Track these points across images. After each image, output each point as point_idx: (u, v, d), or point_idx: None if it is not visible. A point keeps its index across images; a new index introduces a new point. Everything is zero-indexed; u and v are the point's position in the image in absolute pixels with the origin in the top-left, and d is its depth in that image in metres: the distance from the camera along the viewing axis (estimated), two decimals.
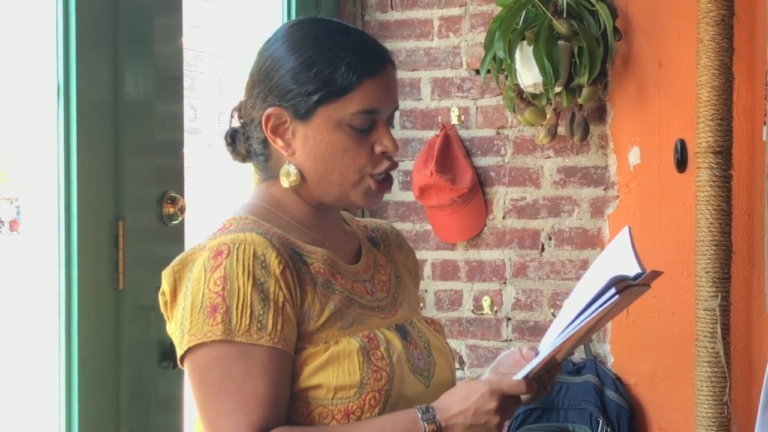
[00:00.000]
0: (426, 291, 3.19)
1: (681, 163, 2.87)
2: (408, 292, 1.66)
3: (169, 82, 2.32)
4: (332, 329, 1.46)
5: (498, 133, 3.13)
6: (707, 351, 2.71)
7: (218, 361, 1.39)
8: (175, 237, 2.30)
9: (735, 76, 2.75)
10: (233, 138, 1.60)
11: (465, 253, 3.16)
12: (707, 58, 2.72)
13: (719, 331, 2.70)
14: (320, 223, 1.57)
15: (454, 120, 3.16)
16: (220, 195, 2.95)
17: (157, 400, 2.24)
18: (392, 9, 3.23)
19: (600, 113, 3.01)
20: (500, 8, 2.92)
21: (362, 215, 3.02)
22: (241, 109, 1.59)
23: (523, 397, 1.48)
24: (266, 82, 1.52)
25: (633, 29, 2.96)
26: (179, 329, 1.42)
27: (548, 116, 2.93)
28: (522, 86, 2.87)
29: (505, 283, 3.12)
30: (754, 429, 2.49)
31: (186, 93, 2.40)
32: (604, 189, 3.02)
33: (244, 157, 1.60)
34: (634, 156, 2.98)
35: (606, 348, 3.02)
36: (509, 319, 3.12)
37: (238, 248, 1.41)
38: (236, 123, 1.61)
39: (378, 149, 1.52)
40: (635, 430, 2.94)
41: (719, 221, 2.73)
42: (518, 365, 1.52)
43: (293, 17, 2.98)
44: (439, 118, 3.17)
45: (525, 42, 2.82)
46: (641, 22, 2.95)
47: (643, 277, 1.42)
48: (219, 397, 1.39)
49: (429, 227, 3.20)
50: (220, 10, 3.01)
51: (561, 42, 2.82)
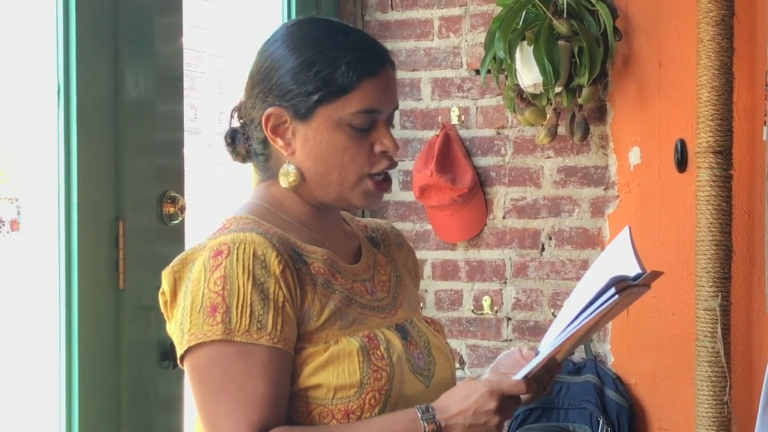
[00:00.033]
0: (426, 291, 3.19)
1: (681, 163, 2.87)
2: (408, 292, 1.66)
3: (170, 82, 2.32)
4: (332, 329, 1.46)
5: (498, 133, 3.13)
6: (707, 351, 2.71)
7: (218, 361, 1.39)
8: (176, 237, 2.30)
9: (735, 76, 2.75)
10: (233, 138, 1.60)
11: (465, 253, 3.16)
12: (707, 58, 2.72)
13: (719, 331, 2.70)
14: (320, 223, 1.57)
15: (455, 120, 3.16)
16: (220, 195, 2.95)
17: (158, 400, 2.24)
18: (392, 9, 3.23)
19: (600, 113, 3.01)
20: (500, 8, 2.92)
21: (362, 215, 3.02)
22: (241, 110, 1.59)
23: (523, 397, 1.48)
24: (266, 82, 1.52)
25: (633, 29, 2.96)
26: (179, 329, 1.42)
27: (548, 116, 2.93)
28: (522, 86, 2.87)
29: (506, 283, 3.12)
30: (755, 429, 2.49)
31: (186, 93, 2.40)
32: (605, 189, 3.02)
33: (244, 158, 1.60)
34: (635, 156, 2.98)
35: (606, 348, 3.02)
36: (509, 319, 3.12)
37: (238, 248, 1.41)
38: (236, 123, 1.61)
39: (378, 149, 1.52)
40: (635, 430, 2.94)
41: (719, 221, 2.73)
42: (518, 365, 1.52)
43: (293, 17, 2.98)
44: (440, 118, 3.17)
45: (525, 42, 2.82)
46: (641, 22, 2.95)
47: (644, 278, 1.42)
48: (219, 397, 1.39)
49: (429, 227, 3.20)
50: (221, 10, 3.01)
51: (561, 42, 2.82)
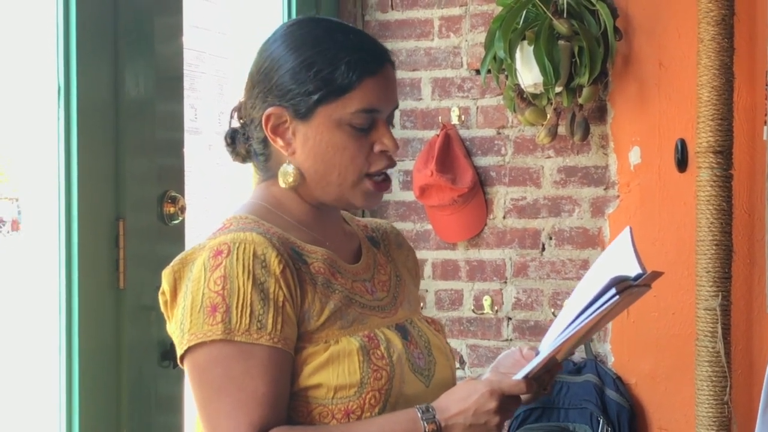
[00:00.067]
0: (426, 290, 3.19)
1: (681, 163, 2.87)
2: (408, 292, 1.66)
3: (170, 82, 2.32)
4: (332, 329, 1.46)
5: (498, 133, 3.12)
6: (708, 350, 2.71)
7: (218, 361, 1.39)
8: (176, 237, 2.30)
9: (735, 76, 2.75)
10: (233, 138, 1.60)
11: (465, 253, 3.16)
12: (708, 58, 2.72)
13: (720, 331, 2.70)
14: (320, 223, 1.57)
15: (455, 120, 3.16)
16: (221, 195, 2.95)
17: (158, 400, 2.24)
18: (392, 9, 3.23)
19: (600, 113, 3.01)
20: (500, 8, 2.92)
21: (362, 215, 3.02)
22: (241, 110, 1.59)
23: (524, 397, 1.48)
24: (266, 82, 1.52)
25: (633, 29, 2.96)
26: (179, 329, 1.42)
27: (549, 116, 2.93)
28: (522, 86, 2.86)
29: (506, 283, 3.12)
30: (755, 429, 2.49)
31: (186, 93, 2.40)
32: (605, 189, 3.02)
33: (244, 158, 1.60)
34: (635, 156, 2.98)
35: (606, 347, 3.02)
36: (510, 319, 3.11)
37: (238, 248, 1.41)
38: (236, 123, 1.60)
39: (378, 148, 1.52)
40: (636, 430, 2.94)
41: (720, 221, 2.73)
42: (518, 365, 1.52)
43: (293, 17, 2.98)
44: (440, 118, 3.17)
45: (525, 42, 2.82)
46: (642, 22, 2.95)
47: (644, 278, 1.41)
48: (219, 397, 1.39)
49: (429, 227, 3.20)
50: (221, 10, 3.01)
51: (561, 42, 2.82)
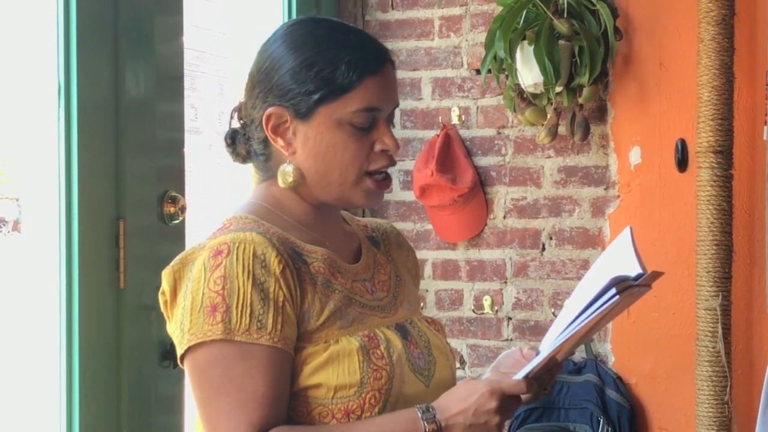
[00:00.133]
0: (427, 290, 3.19)
1: (682, 163, 2.87)
2: (408, 292, 1.66)
3: (170, 82, 2.32)
4: (332, 328, 1.46)
5: (499, 133, 3.12)
6: (708, 350, 2.71)
7: (218, 361, 1.39)
8: (176, 236, 2.30)
9: (736, 76, 2.75)
10: (233, 139, 1.60)
11: (466, 253, 3.16)
12: (708, 58, 2.72)
13: (720, 331, 2.70)
14: (320, 223, 1.57)
15: (455, 120, 3.16)
16: (221, 195, 2.95)
17: (158, 400, 2.24)
18: (393, 9, 3.23)
19: (601, 113, 3.01)
20: (501, 8, 2.92)
21: (362, 215, 3.02)
22: (241, 110, 1.58)
23: (524, 397, 1.48)
24: (266, 82, 1.52)
25: (634, 29, 2.96)
26: (179, 328, 1.42)
27: (549, 116, 2.93)
28: (523, 86, 2.86)
29: (506, 283, 3.12)
30: (755, 429, 2.49)
31: (187, 93, 2.40)
32: (605, 189, 3.02)
33: (245, 158, 1.60)
34: (635, 156, 2.98)
35: (607, 347, 3.02)
36: (510, 319, 3.11)
37: (238, 247, 1.41)
38: (236, 124, 1.60)
39: (378, 147, 1.52)
40: (636, 430, 2.94)
41: (720, 221, 2.73)
42: (519, 365, 1.52)
43: (294, 17, 2.98)
44: (440, 118, 3.17)
45: (526, 42, 2.82)
46: (642, 22, 2.95)
47: (644, 278, 1.41)
48: (219, 397, 1.39)
49: (430, 227, 3.20)
50: (221, 10, 3.01)
51: (562, 42, 2.82)
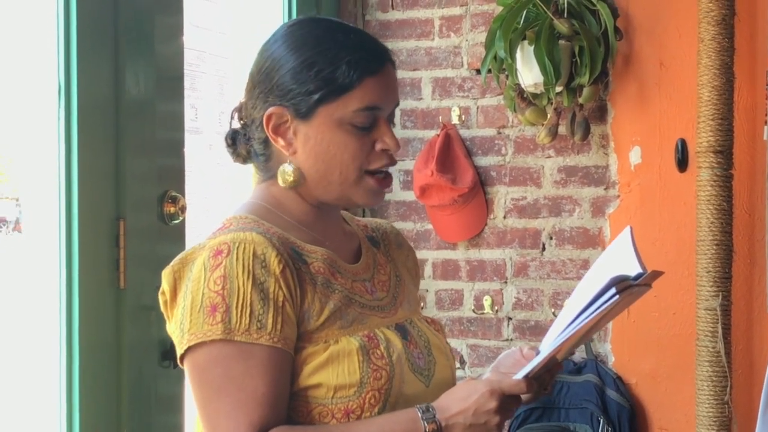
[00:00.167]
0: (427, 290, 3.19)
1: (682, 163, 2.87)
2: (408, 292, 1.66)
3: (170, 82, 2.32)
4: (332, 328, 1.46)
5: (499, 133, 3.12)
6: (708, 350, 2.71)
7: (218, 361, 1.39)
8: (176, 236, 2.30)
9: (736, 76, 2.75)
10: (234, 139, 1.60)
11: (466, 253, 3.16)
12: (708, 58, 2.71)
13: (720, 331, 2.70)
14: (320, 223, 1.57)
15: (455, 119, 3.16)
16: (221, 194, 2.95)
17: (158, 400, 2.24)
18: (393, 8, 3.23)
19: (601, 113, 3.00)
20: (501, 8, 2.92)
21: (363, 215, 3.02)
22: (242, 110, 1.58)
23: (524, 397, 1.48)
24: (267, 83, 1.52)
25: (634, 29, 2.96)
26: (179, 328, 1.42)
27: (549, 116, 2.93)
28: (523, 86, 2.86)
29: (506, 283, 3.12)
30: (755, 429, 2.49)
31: (187, 92, 2.40)
32: (605, 188, 3.02)
33: (245, 159, 1.60)
34: (635, 155, 2.98)
35: (607, 347, 3.02)
36: (510, 319, 3.11)
37: (238, 247, 1.41)
38: (236, 124, 1.60)
39: (379, 147, 1.52)
40: (636, 430, 2.94)
41: (720, 221, 2.73)
42: (519, 365, 1.52)
43: (294, 17, 2.98)
44: (440, 118, 3.17)
45: (526, 41, 2.82)
46: (642, 22, 2.95)
47: (644, 277, 1.41)
48: (219, 397, 1.39)
49: (430, 227, 3.20)
50: (221, 10, 3.01)
51: (562, 41, 2.82)
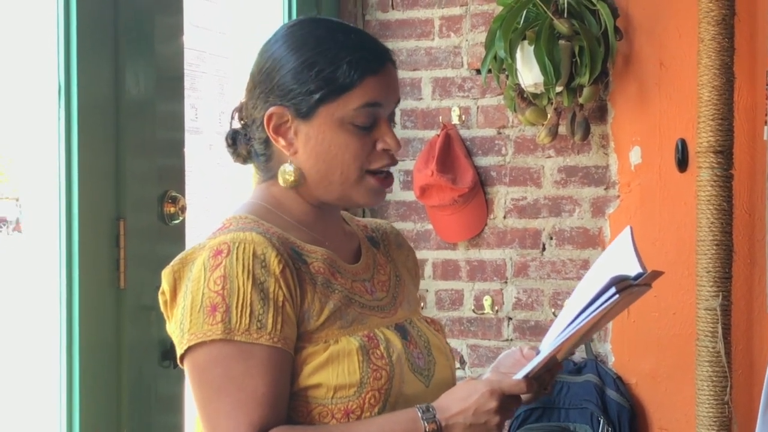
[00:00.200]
0: (427, 290, 3.19)
1: (682, 163, 2.87)
2: (408, 292, 1.66)
3: (170, 82, 2.32)
4: (332, 328, 1.46)
5: (499, 133, 3.12)
6: (708, 350, 2.71)
7: (218, 361, 1.39)
8: (176, 236, 2.30)
9: (736, 76, 2.75)
10: (234, 139, 1.60)
11: (466, 253, 3.16)
12: (708, 58, 2.71)
13: (720, 331, 2.70)
14: (320, 223, 1.57)
15: (455, 120, 3.16)
16: (221, 195, 2.95)
17: (158, 400, 2.24)
18: (393, 8, 3.23)
19: (601, 113, 3.00)
20: (501, 8, 2.92)
21: (363, 215, 3.02)
22: (242, 110, 1.58)
23: (524, 397, 1.48)
24: (267, 83, 1.52)
25: (634, 29, 2.96)
26: (179, 328, 1.42)
27: (549, 116, 2.93)
28: (523, 86, 2.86)
29: (506, 283, 3.12)
30: (755, 429, 2.49)
31: (187, 92, 2.40)
32: (605, 189, 3.02)
33: (245, 159, 1.60)
34: (635, 155, 2.98)
35: (607, 347, 3.02)
36: (510, 319, 3.11)
37: (238, 247, 1.41)
38: (236, 124, 1.60)
39: (380, 146, 1.52)
40: (636, 430, 2.94)
41: (720, 221, 2.73)
42: (519, 365, 1.52)
43: (294, 17, 2.98)
44: (440, 118, 3.17)
45: (526, 41, 2.82)
46: (642, 22, 2.95)
47: (644, 277, 1.41)
48: (219, 397, 1.39)
49: (430, 227, 3.20)
50: (221, 10, 3.01)
51: (562, 41, 2.82)
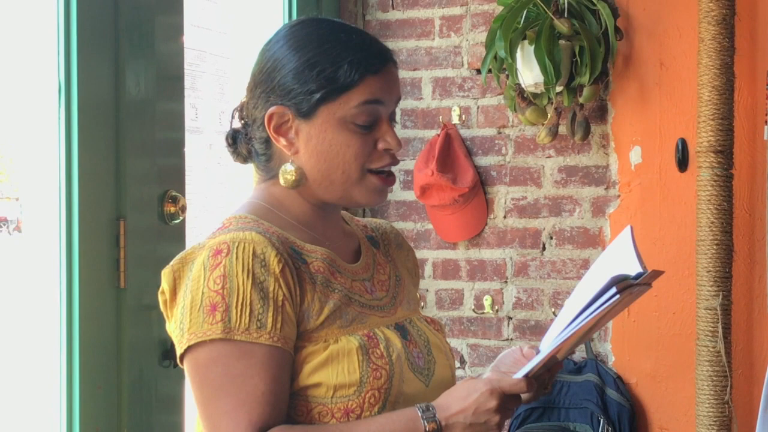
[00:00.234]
0: (427, 290, 3.19)
1: (682, 163, 2.87)
2: (407, 292, 1.66)
3: (171, 82, 2.32)
4: (332, 328, 1.46)
5: (499, 133, 3.12)
6: (708, 350, 2.71)
7: (218, 360, 1.39)
8: (176, 236, 2.30)
9: (736, 76, 2.75)
10: (234, 139, 1.60)
11: (466, 253, 3.16)
12: (708, 58, 2.72)
13: (720, 330, 2.70)
14: (320, 223, 1.57)
15: (455, 119, 3.16)
16: (221, 194, 2.95)
17: (158, 400, 2.24)
18: (393, 8, 3.23)
19: (601, 112, 3.01)
20: (501, 7, 2.92)
21: (363, 215, 3.02)
22: (243, 110, 1.58)
23: (524, 396, 1.48)
24: (268, 82, 1.52)
25: (634, 29, 2.96)
26: (179, 328, 1.42)
27: (549, 116, 2.93)
28: (523, 85, 2.87)
29: (506, 283, 3.12)
30: (755, 428, 2.49)
31: (187, 92, 2.40)
32: (605, 188, 3.02)
33: (246, 158, 1.60)
34: (635, 155, 2.98)
35: (607, 347, 3.02)
36: (510, 319, 3.11)
37: (238, 247, 1.41)
38: (237, 124, 1.60)
39: (381, 146, 1.52)
40: (636, 430, 2.94)
41: (720, 220, 2.73)
42: (519, 364, 1.52)
43: (294, 17, 2.98)
44: (440, 118, 3.17)
45: (526, 41, 2.82)
46: (642, 22, 2.95)
47: (644, 277, 1.41)
48: (219, 396, 1.39)
49: (430, 227, 3.20)
50: (222, 10, 3.01)
51: (562, 41, 2.82)
